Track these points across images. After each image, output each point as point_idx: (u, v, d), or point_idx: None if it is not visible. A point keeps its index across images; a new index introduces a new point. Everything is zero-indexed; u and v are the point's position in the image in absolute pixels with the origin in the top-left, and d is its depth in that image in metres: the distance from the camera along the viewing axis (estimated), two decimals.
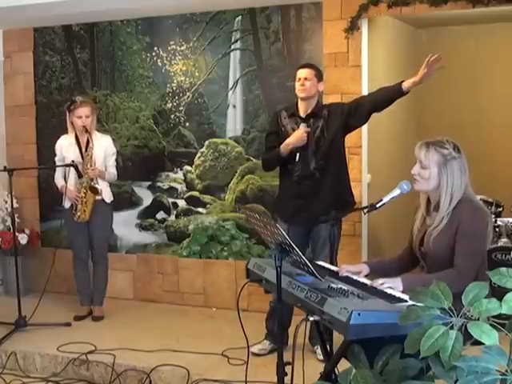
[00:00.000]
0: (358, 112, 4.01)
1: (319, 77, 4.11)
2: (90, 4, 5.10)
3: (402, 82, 3.86)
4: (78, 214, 4.89)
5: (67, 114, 4.92)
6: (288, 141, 4.03)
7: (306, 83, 4.04)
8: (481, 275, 2.71)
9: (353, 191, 4.24)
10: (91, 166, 4.83)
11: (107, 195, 4.99)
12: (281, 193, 4.31)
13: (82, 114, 4.82)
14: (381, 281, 2.72)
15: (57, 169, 5.02)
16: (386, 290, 2.61)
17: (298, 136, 4.01)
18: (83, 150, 4.88)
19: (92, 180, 4.83)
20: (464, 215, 2.81)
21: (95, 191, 4.81)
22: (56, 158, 5.03)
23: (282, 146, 4.04)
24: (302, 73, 4.07)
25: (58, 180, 5.02)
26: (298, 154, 4.02)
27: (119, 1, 5.09)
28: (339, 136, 4.08)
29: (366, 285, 2.68)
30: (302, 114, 4.11)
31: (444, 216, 2.85)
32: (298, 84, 4.07)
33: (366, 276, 2.96)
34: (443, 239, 2.84)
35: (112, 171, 5.00)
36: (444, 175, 2.85)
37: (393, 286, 2.68)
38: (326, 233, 3.97)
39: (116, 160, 5.08)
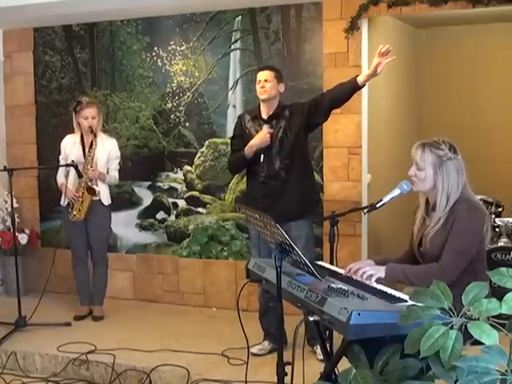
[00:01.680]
0: (318, 110, 4.06)
1: (279, 78, 4.16)
2: (89, 4, 5.10)
3: (357, 76, 3.92)
4: (74, 212, 4.89)
5: (73, 114, 4.93)
6: (252, 142, 4.08)
7: (266, 85, 4.09)
8: (480, 275, 2.72)
9: (318, 189, 4.32)
10: (92, 166, 4.84)
11: (105, 198, 4.97)
12: (248, 194, 4.36)
13: (89, 115, 4.83)
14: (363, 269, 2.77)
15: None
16: (381, 288, 2.62)
17: (261, 138, 4.06)
18: (87, 150, 4.89)
19: (91, 181, 4.83)
20: (459, 214, 2.83)
21: (92, 192, 4.80)
22: (60, 157, 5.04)
23: (246, 148, 4.10)
24: (262, 75, 4.13)
25: (59, 178, 5.03)
26: (262, 155, 4.07)
27: (119, 1, 5.09)
28: (302, 135, 4.13)
29: (366, 285, 2.68)
30: (265, 115, 4.15)
31: (441, 216, 2.86)
32: (258, 86, 4.13)
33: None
34: (439, 238, 2.86)
35: (113, 174, 5.00)
36: (440, 176, 2.87)
37: (374, 273, 2.75)
38: (296, 233, 4.00)
39: (119, 164, 5.08)
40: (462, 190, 2.88)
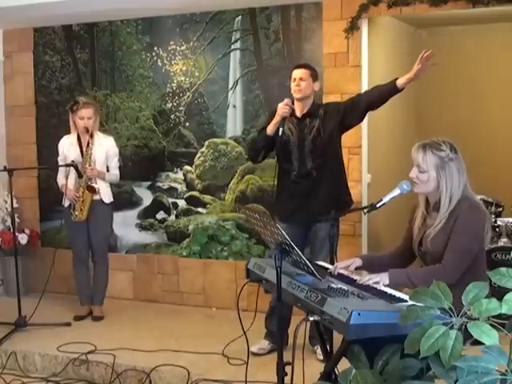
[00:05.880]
0: (353, 111, 4.02)
1: (314, 76, 4.11)
2: (89, 4, 5.10)
3: (397, 79, 3.87)
4: (76, 213, 4.89)
5: (70, 114, 4.93)
6: (273, 121, 4.01)
7: (301, 83, 4.04)
8: (480, 275, 2.72)
9: (350, 190, 4.25)
10: (90, 165, 4.84)
11: (106, 196, 4.98)
12: (279, 193, 4.30)
13: (85, 116, 4.82)
14: (367, 277, 2.75)
15: (59, 168, 5.03)
16: (381, 288, 2.62)
17: (279, 108, 3.98)
18: (84, 149, 4.89)
19: (90, 180, 4.83)
20: (460, 213, 2.83)
21: (92, 190, 4.81)
22: (59, 158, 5.04)
23: (268, 128, 4.03)
24: (297, 73, 4.08)
25: (60, 179, 5.03)
26: (281, 129, 3.98)
27: (119, 1, 5.09)
28: (336, 135, 4.09)
29: (366, 285, 2.68)
30: (298, 113, 4.11)
31: (443, 217, 2.86)
32: (293, 84, 4.07)
33: (357, 268, 3.00)
34: (441, 238, 2.86)
35: (114, 172, 5.00)
36: (443, 178, 2.86)
37: (378, 280, 2.73)
38: (325, 233, 3.96)
39: (119, 161, 5.08)
40: (463, 190, 2.88)
